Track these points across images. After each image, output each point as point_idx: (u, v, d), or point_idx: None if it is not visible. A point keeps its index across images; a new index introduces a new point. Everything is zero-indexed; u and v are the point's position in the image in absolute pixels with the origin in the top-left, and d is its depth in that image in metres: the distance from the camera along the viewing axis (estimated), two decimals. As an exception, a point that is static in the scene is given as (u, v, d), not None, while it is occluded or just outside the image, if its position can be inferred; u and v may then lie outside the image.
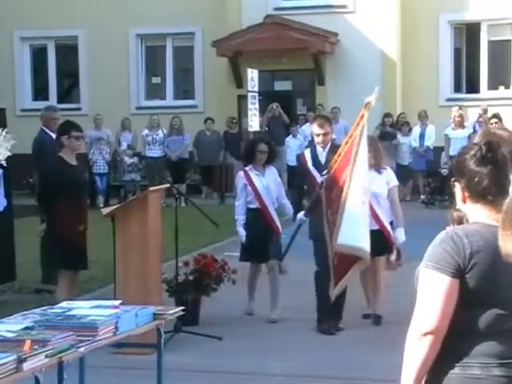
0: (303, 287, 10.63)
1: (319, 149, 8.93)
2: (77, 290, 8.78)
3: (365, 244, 8.15)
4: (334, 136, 9.92)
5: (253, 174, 9.40)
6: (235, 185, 9.61)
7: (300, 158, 9.30)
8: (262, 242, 9.30)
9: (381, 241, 8.83)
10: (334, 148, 8.84)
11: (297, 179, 9.85)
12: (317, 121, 9.13)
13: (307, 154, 9.07)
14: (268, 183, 9.43)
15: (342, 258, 8.19)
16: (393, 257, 9.09)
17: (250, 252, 9.39)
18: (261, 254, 9.38)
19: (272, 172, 9.58)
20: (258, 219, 9.32)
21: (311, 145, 9.27)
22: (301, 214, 8.90)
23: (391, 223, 9.11)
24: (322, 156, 8.88)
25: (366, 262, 8.29)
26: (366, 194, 8.18)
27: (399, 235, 9.05)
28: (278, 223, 9.50)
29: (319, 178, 8.63)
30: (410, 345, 3.17)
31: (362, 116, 8.23)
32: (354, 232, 8.11)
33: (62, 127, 8.70)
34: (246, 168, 9.50)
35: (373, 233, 8.47)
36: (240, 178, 9.46)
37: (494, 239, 3.15)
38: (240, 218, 9.39)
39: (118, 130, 20.90)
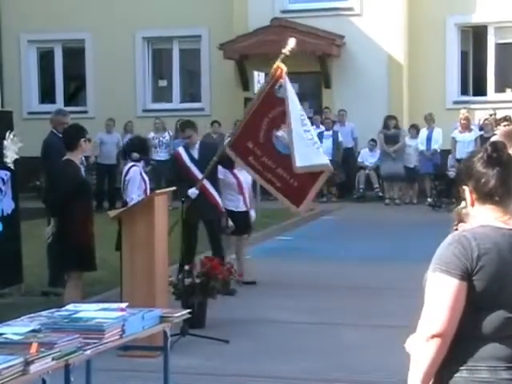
0: (310, 290, 10.65)
1: (192, 148, 10.49)
2: (83, 291, 8.80)
3: (322, 159, 9.63)
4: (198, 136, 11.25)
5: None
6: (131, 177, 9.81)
7: (175, 155, 10.87)
8: None
9: (247, 221, 11.09)
10: (203, 145, 10.61)
11: (170, 175, 11.36)
12: (180, 127, 11.18)
13: (182, 151, 10.56)
14: None
15: (303, 176, 9.32)
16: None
17: None
18: None
19: None
20: None
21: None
22: (193, 189, 9.96)
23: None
24: (195, 153, 10.43)
25: (329, 170, 9.74)
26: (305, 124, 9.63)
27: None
28: None
29: (196, 172, 10.15)
30: (417, 347, 3.17)
31: (278, 68, 9.60)
32: (307, 153, 9.33)
33: (79, 130, 8.67)
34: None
35: (242, 214, 10.94)
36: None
37: (502, 242, 3.16)
38: None
39: (122, 134, 20.93)
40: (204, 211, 10.24)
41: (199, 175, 10.10)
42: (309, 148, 9.49)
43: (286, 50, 9.41)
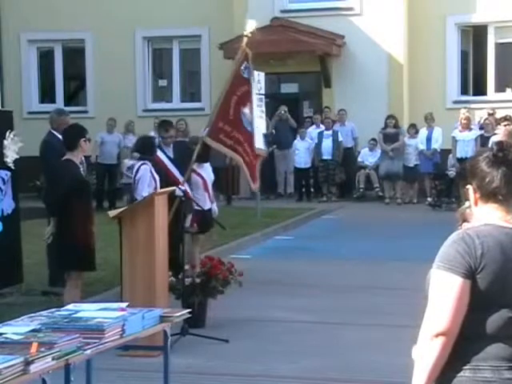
0: (310, 289, 10.65)
1: (166, 148, 10.59)
2: (83, 291, 8.80)
3: (262, 143, 10.39)
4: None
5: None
6: (141, 176, 9.90)
7: (156, 159, 10.37)
8: None
9: (211, 218, 10.80)
10: (177, 144, 10.70)
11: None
12: (162, 126, 11.05)
13: (160, 155, 10.44)
14: None
15: (256, 157, 9.93)
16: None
17: None
18: None
19: None
20: None
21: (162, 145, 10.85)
22: (181, 187, 9.70)
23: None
24: (170, 153, 10.58)
25: (264, 155, 10.63)
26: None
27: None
28: None
29: (176, 172, 10.22)
30: (421, 346, 3.16)
31: (244, 51, 10.10)
32: (260, 135, 10.04)
33: (79, 130, 8.66)
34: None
35: (207, 211, 10.63)
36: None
37: (505, 240, 3.17)
38: None
39: (123, 134, 20.93)
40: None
41: (178, 174, 10.13)
42: (259, 131, 10.08)
43: (247, 32, 9.95)
